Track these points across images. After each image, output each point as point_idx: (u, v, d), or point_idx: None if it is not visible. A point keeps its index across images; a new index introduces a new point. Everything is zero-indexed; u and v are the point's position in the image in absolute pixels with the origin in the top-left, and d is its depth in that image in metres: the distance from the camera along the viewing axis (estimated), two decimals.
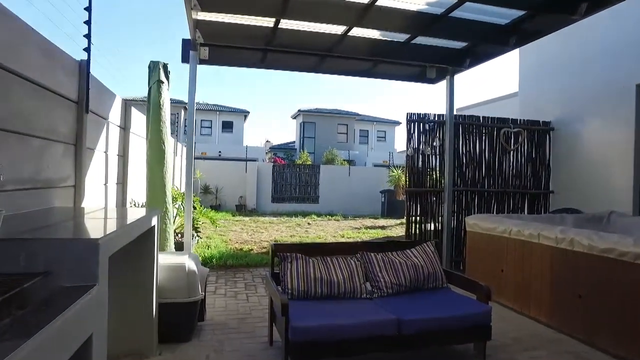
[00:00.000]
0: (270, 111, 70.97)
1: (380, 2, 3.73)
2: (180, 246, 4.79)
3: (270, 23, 4.25)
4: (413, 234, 5.69)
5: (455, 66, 5.25)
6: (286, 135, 76.25)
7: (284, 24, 4.27)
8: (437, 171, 5.78)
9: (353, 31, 4.43)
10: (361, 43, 4.80)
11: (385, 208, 15.55)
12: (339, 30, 4.42)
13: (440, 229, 5.73)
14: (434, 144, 5.75)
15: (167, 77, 4.92)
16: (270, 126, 70.35)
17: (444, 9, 3.88)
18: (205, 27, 4.34)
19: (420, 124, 5.74)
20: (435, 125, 5.77)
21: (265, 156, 24.67)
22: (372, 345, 2.49)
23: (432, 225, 5.78)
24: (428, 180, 5.74)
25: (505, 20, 4.17)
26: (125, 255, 2.56)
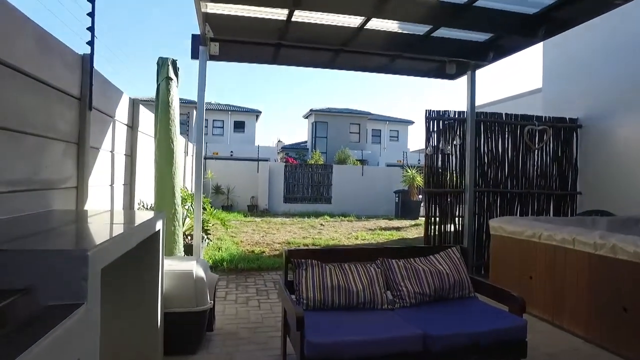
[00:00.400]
0: (282, 111, 71.08)
1: None
2: (190, 249, 4.62)
3: (283, 15, 4.05)
4: (432, 236, 5.43)
5: (478, 60, 4.97)
6: (298, 135, 76.28)
7: (297, 17, 4.06)
8: (458, 171, 5.50)
9: (370, 23, 4.19)
10: (378, 37, 4.57)
11: (399, 208, 15.24)
12: (356, 22, 4.19)
13: (460, 232, 5.46)
14: (454, 143, 5.47)
15: (177, 74, 4.75)
16: (282, 126, 70.45)
17: None
18: (215, 21, 4.15)
19: (440, 122, 5.47)
20: (456, 122, 5.50)
21: (277, 156, 24.56)
22: None
23: (452, 227, 5.51)
24: (448, 181, 5.48)
25: (534, 9, 3.89)
26: (127, 261, 2.38)
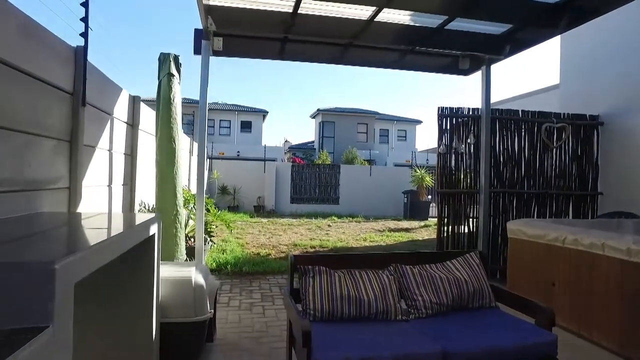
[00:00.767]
0: (289, 111, 71.05)
1: None
2: (193, 252, 4.44)
3: (289, 7, 3.85)
4: (444, 238, 5.20)
5: (493, 54, 4.73)
6: (305, 135, 76.18)
7: (304, 8, 3.86)
8: (472, 171, 5.26)
9: (381, 15, 3.97)
10: (389, 29, 4.35)
11: (407, 209, 14.97)
12: (365, 14, 3.98)
13: (475, 234, 5.21)
14: (468, 141, 5.23)
15: (179, 70, 4.58)
16: (289, 126, 70.42)
17: None
18: (218, 13, 3.97)
19: (453, 119, 5.23)
20: (470, 120, 5.26)
21: (284, 156, 24.42)
22: None
23: (466, 229, 5.27)
24: (462, 181, 5.23)
25: None
26: (120, 268, 2.20)
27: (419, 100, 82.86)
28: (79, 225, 2.03)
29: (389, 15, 4.06)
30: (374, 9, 3.78)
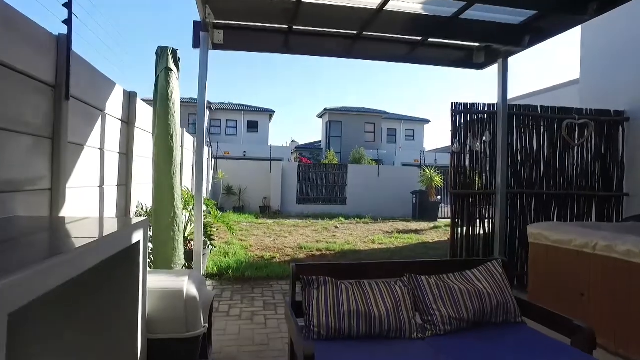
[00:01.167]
0: (296, 111, 70.92)
1: None
2: (192, 256, 4.21)
3: None
4: (458, 241, 4.89)
5: (511, 45, 4.42)
6: (312, 135, 75.99)
7: None
8: (488, 170, 4.95)
9: (391, 4, 3.69)
10: (400, 19, 4.07)
11: (416, 210, 14.64)
12: (375, 2, 3.70)
13: (490, 238, 4.90)
14: (484, 139, 4.92)
15: (177, 65, 4.34)
16: (296, 126, 70.31)
17: None
18: (216, 3, 3.73)
19: (467, 116, 4.93)
20: (485, 116, 4.95)
21: (291, 156, 24.20)
22: None
23: (481, 232, 4.96)
24: (477, 181, 4.93)
25: None
26: (98, 278, 1.95)
27: (426, 99, 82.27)
28: (51, 234, 1.78)
29: (400, 4, 3.80)
30: None
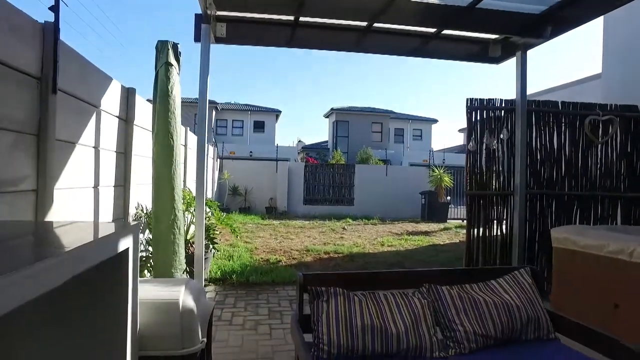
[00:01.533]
0: (303, 111, 70.78)
1: None
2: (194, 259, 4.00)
3: None
4: (474, 245, 4.62)
5: (532, 37, 4.15)
6: (318, 135, 75.81)
7: None
8: (505, 170, 4.68)
9: None
10: (413, 8, 3.83)
11: (425, 211, 14.34)
12: None
13: (508, 241, 4.63)
14: (501, 136, 4.65)
15: (178, 60, 4.14)
16: (302, 126, 70.16)
17: None
18: None
19: (484, 112, 4.66)
20: (503, 113, 4.68)
21: (297, 156, 23.99)
22: None
23: (499, 235, 4.69)
24: (494, 181, 4.66)
25: None
26: (82, 290, 1.74)
27: (433, 98, 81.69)
28: (17, 241, 1.56)
29: None
30: None
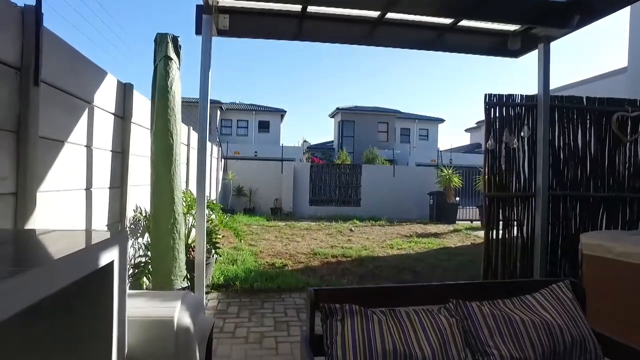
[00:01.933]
0: (308, 111, 70.61)
1: None
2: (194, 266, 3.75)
3: None
4: (493, 250, 4.34)
5: (557, 26, 3.86)
6: (324, 135, 75.60)
7: None
8: (526, 170, 4.39)
9: None
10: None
11: (434, 212, 14.03)
12: None
13: (530, 246, 4.34)
14: (522, 134, 4.36)
15: (178, 54, 3.92)
16: (307, 127, 70.04)
17: None
18: None
19: (504, 109, 4.38)
20: (524, 109, 4.39)
21: (303, 156, 23.74)
22: None
23: (519, 239, 4.40)
24: (514, 182, 4.37)
25: None
26: (61, 309, 1.49)
27: (439, 98, 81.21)
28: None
29: None
30: None
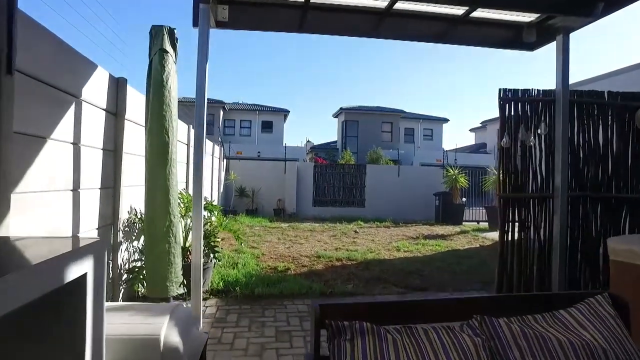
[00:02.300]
0: (311, 110, 70.42)
1: None
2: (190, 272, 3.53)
3: None
4: (507, 254, 4.09)
5: (580, 15, 3.62)
6: (327, 135, 75.37)
7: None
8: (543, 169, 4.14)
9: None
10: None
11: (439, 213, 13.76)
12: None
13: (547, 250, 4.09)
14: (539, 131, 4.12)
15: (174, 47, 3.71)
16: (311, 126, 69.83)
17: None
18: None
19: (519, 104, 4.13)
20: (541, 105, 4.14)
21: (306, 156, 23.55)
22: None
23: (536, 243, 4.15)
24: (530, 182, 4.12)
25: None
26: (21, 329, 1.27)
27: (442, 97, 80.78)
28: None
29: None
30: None
